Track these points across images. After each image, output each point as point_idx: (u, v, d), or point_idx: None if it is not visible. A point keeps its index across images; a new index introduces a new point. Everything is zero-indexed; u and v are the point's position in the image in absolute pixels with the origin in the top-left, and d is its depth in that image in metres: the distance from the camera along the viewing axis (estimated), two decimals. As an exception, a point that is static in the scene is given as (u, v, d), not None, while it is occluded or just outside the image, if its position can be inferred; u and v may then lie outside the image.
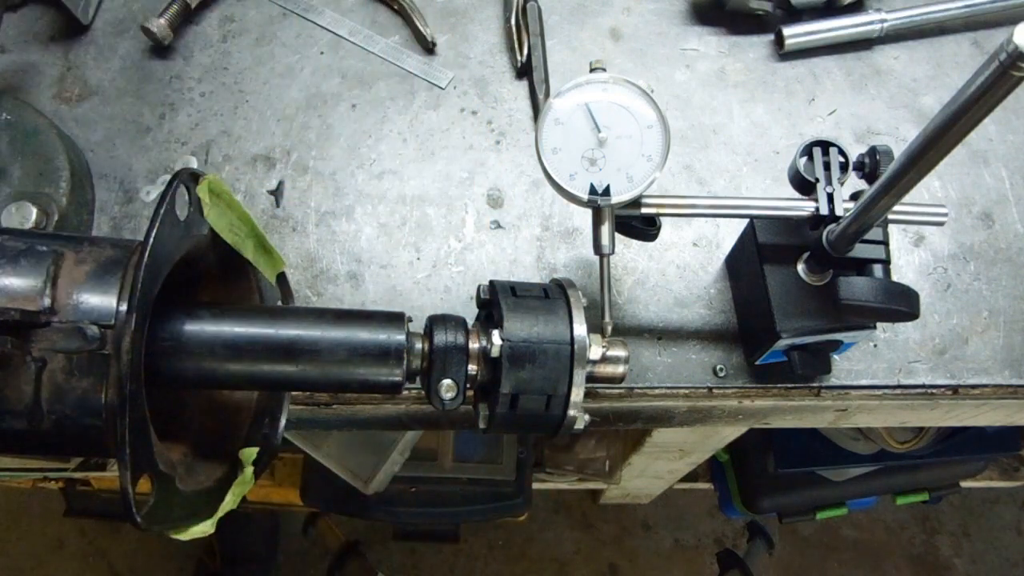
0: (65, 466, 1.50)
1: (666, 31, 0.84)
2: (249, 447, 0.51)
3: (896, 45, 0.82)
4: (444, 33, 0.84)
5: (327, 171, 0.77)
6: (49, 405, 0.40)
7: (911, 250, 0.73)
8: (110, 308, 0.40)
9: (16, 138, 0.73)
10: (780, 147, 0.77)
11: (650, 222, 0.62)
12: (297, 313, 0.47)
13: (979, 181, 0.76)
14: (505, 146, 0.78)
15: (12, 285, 0.39)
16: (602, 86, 0.58)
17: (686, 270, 0.72)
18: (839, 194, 0.58)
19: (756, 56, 0.82)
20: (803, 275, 0.61)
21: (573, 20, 0.85)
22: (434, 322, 0.48)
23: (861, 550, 2.00)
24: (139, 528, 0.38)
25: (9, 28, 0.85)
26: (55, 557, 2.13)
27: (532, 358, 0.45)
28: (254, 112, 0.80)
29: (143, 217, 0.75)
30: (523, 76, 0.82)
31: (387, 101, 0.81)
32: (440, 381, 0.46)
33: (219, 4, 0.86)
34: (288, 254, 0.73)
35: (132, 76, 0.83)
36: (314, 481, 1.60)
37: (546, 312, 0.47)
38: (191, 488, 0.44)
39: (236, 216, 0.50)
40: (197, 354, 0.44)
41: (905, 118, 0.79)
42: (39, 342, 0.39)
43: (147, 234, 0.39)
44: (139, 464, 0.38)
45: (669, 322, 0.70)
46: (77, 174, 0.73)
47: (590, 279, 0.72)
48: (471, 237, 0.74)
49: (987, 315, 0.71)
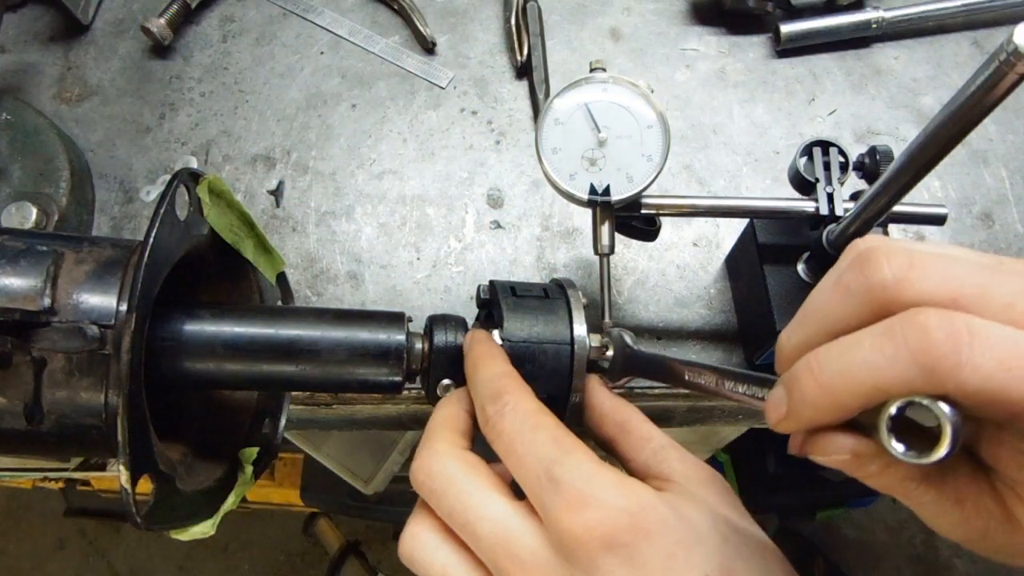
0: (65, 466, 1.50)
1: (666, 31, 0.84)
2: (249, 447, 0.51)
3: (896, 45, 0.82)
4: (444, 33, 0.84)
5: (327, 171, 0.77)
6: (49, 405, 0.40)
7: (911, 250, 0.73)
8: (110, 308, 0.40)
9: (16, 138, 0.73)
10: (780, 147, 0.77)
11: (650, 222, 0.62)
12: (297, 313, 0.47)
13: (979, 181, 0.76)
14: (505, 146, 0.78)
15: (12, 285, 0.39)
16: (602, 86, 0.58)
17: (686, 270, 0.72)
18: (839, 194, 0.58)
19: (756, 56, 0.82)
20: (803, 275, 0.61)
21: (573, 20, 0.85)
22: (434, 322, 0.48)
23: (861, 550, 2.00)
24: (139, 528, 0.38)
25: (9, 28, 0.85)
26: (55, 557, 2.14)
27: (532, 358, 0.45)
28: (254, 112, 0.80)
29: (143, 217, 0.75)
30: (523, 76, 0.82)
31: (387, 101, 0.81)
32: (440, 381, 0.46)
33: (219, 4, 0.86)
34: (288, 254, 0.73)
35: (132, 76, 0.83)
36: (314, 481, 1.60)
37: (546, 312, 0.47)
38: (191, 488, 0.44)
39: (236, 216, 0.50)
40: (197, 354, 0.44)
41: (905, 118, 0.79)
42: (39, 342, 0.39)
43: (147, 234, 0.39)
44: (139, 464, 0.38)
45: (669, 322, 0.70)
46: (77, 174, 0.73)
47: (590, 279, 0.72)
48: (471, 237, 0.74)
49: (987, 315, 0.71)
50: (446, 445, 0.40)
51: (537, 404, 0.40)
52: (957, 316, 0.26)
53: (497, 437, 0.39)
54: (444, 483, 0.39)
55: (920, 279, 0.28)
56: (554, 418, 0.39)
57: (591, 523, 0.34)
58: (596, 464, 0.36)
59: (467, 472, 0.39)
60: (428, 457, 0.40)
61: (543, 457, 0.36)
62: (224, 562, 2.12)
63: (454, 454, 0.40)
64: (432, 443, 0.41)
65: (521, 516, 0.37)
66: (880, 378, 0.27)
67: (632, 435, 0.44)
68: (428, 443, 0.41)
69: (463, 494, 0.38)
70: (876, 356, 0.27)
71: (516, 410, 0.39)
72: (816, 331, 0.31)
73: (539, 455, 0.36)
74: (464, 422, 0.43)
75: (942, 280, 0.28)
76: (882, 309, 0.28)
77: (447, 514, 0.38)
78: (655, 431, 0.44)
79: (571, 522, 0.34)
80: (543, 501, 0.35)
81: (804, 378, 0.29)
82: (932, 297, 0.28)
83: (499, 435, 0.39)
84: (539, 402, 0.40)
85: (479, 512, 0.37)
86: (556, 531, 0.34)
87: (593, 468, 0.35)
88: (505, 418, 0.39)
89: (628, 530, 0.34)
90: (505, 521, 0.37)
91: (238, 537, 2.14)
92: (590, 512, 0.34)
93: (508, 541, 0.36)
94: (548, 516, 0.35)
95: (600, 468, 0.36)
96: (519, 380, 0.42)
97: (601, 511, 0.34)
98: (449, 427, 0.42)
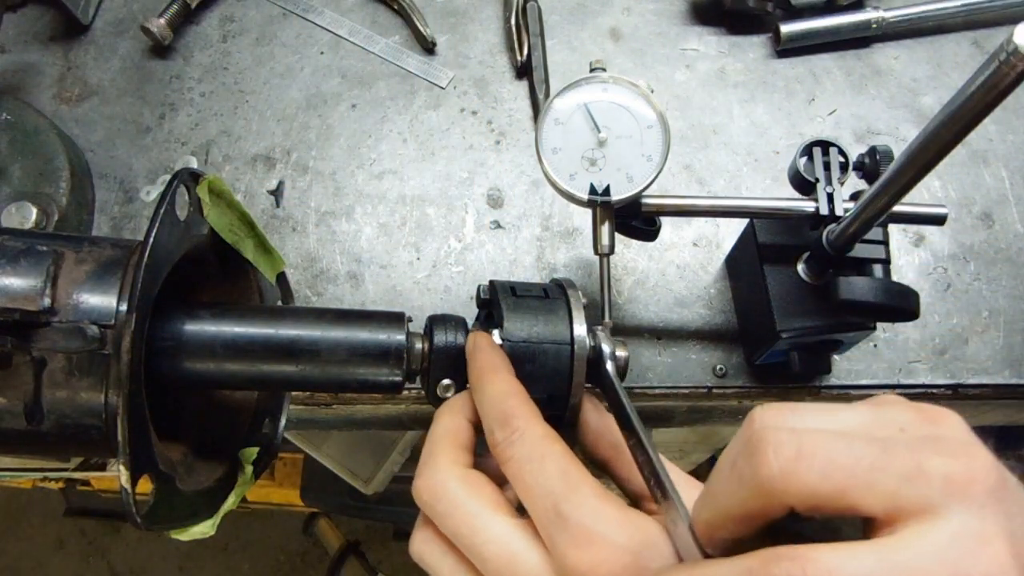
0: (65, 466, 1.50)
1: (666, 31, 0.84)
2: (249, 447, 0.51)
3: (896, 45, 0.82)
4: (444, 33, 0.84)
5: (327, 171, 0.77)
6: (49, 405, 0.40)
7: (911, 250, 0.73)
8: (110, 308, 0.40)
9: (16, 138, 0.73)
10: (780, 147, 0.77)
11: (650, 222, 0.62)
12: (297, 313, 0.47)
13: (979, 181, 0.76)
14: (505, 146, 0.78)
15: (12, 285, 0.39)
16: (602, 86, 0.58)
17: (686, 270, 0.72)
18: (839, 194, 0.58)
19: (756, 56, 0.82)
20: (803, 275, 0.61)
21: (573, 20, 0.85)
22: (434, 322, 0.48)
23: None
24: (139, 528, 0.38)
25: (9, 28, 0.85)
26: (55, 557, 2.14)
27: (532, 358, 0.45)
28: (254, 112, 0.80)
29: (143, 217, 0.75)
30: (523, 76, 0.82)
31: (387, 101, 0.81)
32: (440, 381, 0.46)
33: (219, 4, 0.86)
34: (288, 254, 0.73)
35: (132, 76, 0.83)
36: (314, 481, 1.60)
37: (546, 312, 0.47)
38: (191, 488, 0.44)
39: (236, 216, 0.50)
40: (197, 354, 0.44)
41: (905, 118, 0.79)
42: (39, 342, 0.39)
43: (147, 234, 0.39)
44: (139, 464, 0.38)
45: (669, 322, 0.70)
46: (77, 174, 0.73)
47: (590, 279, 0.72)
48: (471, 237, 0.74)
49: (987, 315, 0.71)
50: (447, 463, 0.41)
51: (545, 429, 0.41)
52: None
53: (506, 462, 0.40)
54: (448, 505, 0.40)
55: (807, 471, 0.28)
56: (561, 444, 0.40)
57: (595, 561, 0.35)
58: (601, 500, 0.37)
59: (470, 493, 0.40)
60: (431, 477, 0.41)
61: (550, 491, 0.37)
62: (224, 562, 2.12)
63: (456, 473, 0.41)
64: (434, 460, 0.42)
65: (526, 538, 0.38)
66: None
67: (626, 458, 0.44)
68: (430, 460, 0.42)
69: (468, 516, 0.39)
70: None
71: (524, 438, 0.40)
72: (716, 514, 0.32)
73: (547, 488, 0.38)
74: (466, 434, 0.43)
75: (829, 472, 0.28)
76: (772, 499, 0.29)
77: (452, 535, 0.40)
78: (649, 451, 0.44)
79: (576, 559, 0.35)
80: (550, 534, 0.37)
81: None
82: (818, 490, 0.28)
83: (507, 461, 0.40)
84: (547, 426, 0.41)
85: (484, 536, 0.38)
86: (562, 566, 0.36)
87: (599, 505, 0.37)
88: (514, 446, 0.40)
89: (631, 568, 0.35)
90: (510, 544, 0.38)
91: (238, 537, 2.14)
92: (595, 550, 0.35)
93: (513, 564, 0.37)
94: (555, 550, 0.36)
95: (605, 504, 0.37)
96: (526, 400, 0.42)
97: (606, 550, 0.35)
98: (450, 441, 0.43)
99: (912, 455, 0.28)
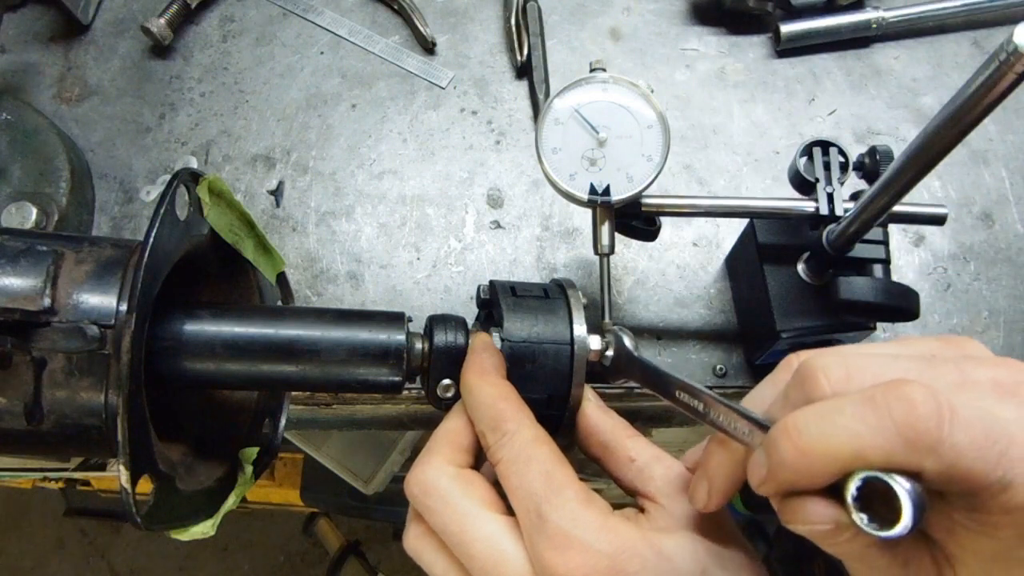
0: (65, 466, 1.50)
1: (666, 31, 0.84)
2: (249, 447, 0.51)
3: (896, 45, 0.82)
4: (444, 33, 0.84)
5: (327, 171, 0.77)
6: (49, 405, 0.40)
7: (911, 250, 0.73)
8: (110, 308, 0.40)
9: (16, 138, 0.73)
10: (780, 147, 0.77)
11: (650, 222, 0.62)
12: (297, 313, 0.47)
13: (979, 181, 0.76)
14: (505, 146, 0.78)
15: (12, 285, 0.39)
16: (602, 86, 0.58)
17: (686, 270, 0.72)
18: (839, 194, 0.58)
19: (756, 56, 0.82)
20: (803, 275, 0.61)
21: (573, 20, 0.85)
22: (434, 322, 0.48)
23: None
24: (139, 528, 0.38)
25: (9, 28, 0.85)
26: (55, 557, 2.14)
27: (532, 358, 0.45)
28: (254, 112, 0.80)
29: (143, 217, 0.75)
30: (523, 76, 0.82)
31: (387, 101, 0.81)
32: (440, 381, 0.47)
33: (219, 4, 0.86)
34: (288, 254, 0.73)
35: (132, 76, 0.83)
36: (314, 481, 1.60)
37: (546, 312, 0.47)
38: (191, 488, 0.44)
39: (236, 216, 0.50)
40: (197, 354, 0.44)
41: (905, 118, 0.79)
42: (39, 342, 0.39)
43: (147, 234, 0.39)
44: (139, 464, 0.38)
45: (669, 322, 0.70)
46: (77, 174, 0.73)
47: (590, 279, 0.72)
48: (471, 237, 0.74)
49: (987, 315, 0.71)
50: (441, 460, 0.42)
51: (534, 432, 0.41)
52: (940, 393, 0.27)
53: (496, 464, 0.41)
54: (437, 501, 0.40)
55: (859, 389, 0.29)
56: (549, 446, 0.40)
57: (572, 565, 0.35)
58: (582, 504, 0.37)
59: (463, 492, 0.40)
60: (422, 472, 0.41)
61: (533, 492, 0.38)
62: (224, 562, 2.12)
63: (448, 471, 0.41)
64: (429, 456, 0.42)
65: (513, 538, 0.38)
66: (861, 447, 0.27)
67: (616, 455, 0.45)
68: (426, 456, 0.42)
69: (456, 513, 0.39)
70: (858, 424, 0.27)
71: (512, 441, 0.40)
72: None
73: (530, 490, 0.38)
74: (468, 436, 0.43)
75: None
76: None
77: (440, 530, 0.40)
78: (640, 448, 0.44)
79: (554, 561, 0.36)
80: (531, 535, 0.37)
81: (782, 442, 0.29)
82: None
83: (498, 463, 0.40)
84: (537, 429, 0.41)
85: (472, 534, 0.39)
86: (540, 566, 0.36)
87: (579, 509, 0.37)
88: (504, 448, 0.40)
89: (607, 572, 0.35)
90: (498, 543, 0.38)
91: (238, 537, 2.14)
92: (572, 554, 0.35)
93: (498, 564, 0.38)
94: (534, 551, 0.37)
95: (586, 508, 0.37)
96: (516, 403, 0.42)
97: (583, 554, 0.35)
98: (450, 441, 0.43)
99: (956, 368, 0.29)
